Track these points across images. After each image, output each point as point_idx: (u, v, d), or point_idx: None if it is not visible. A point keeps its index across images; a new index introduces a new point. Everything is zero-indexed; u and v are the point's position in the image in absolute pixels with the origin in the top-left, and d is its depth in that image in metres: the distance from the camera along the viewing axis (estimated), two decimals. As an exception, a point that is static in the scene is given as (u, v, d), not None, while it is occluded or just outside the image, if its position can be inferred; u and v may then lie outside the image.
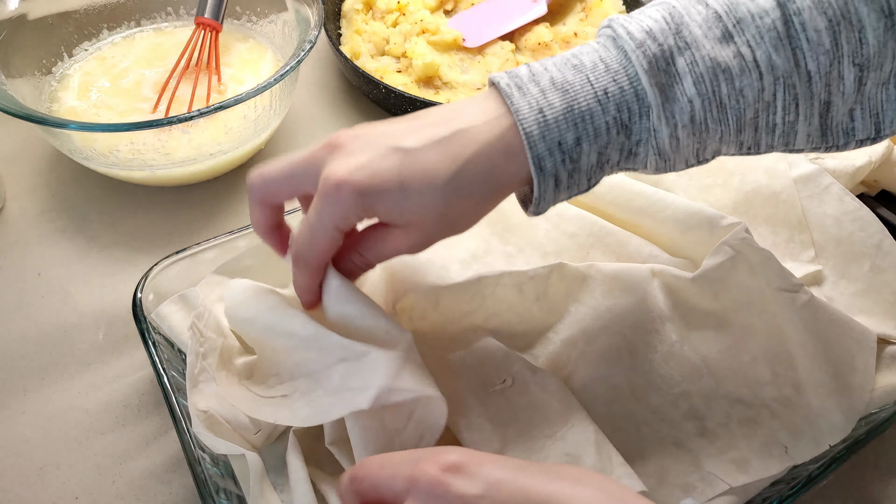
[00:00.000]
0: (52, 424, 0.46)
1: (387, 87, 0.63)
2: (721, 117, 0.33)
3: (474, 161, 0.33)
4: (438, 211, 0.33)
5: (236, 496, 0.38)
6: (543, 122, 0.32)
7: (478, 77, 0.70)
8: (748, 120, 0.33)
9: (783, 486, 0.39)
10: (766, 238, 0.52)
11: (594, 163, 0.33)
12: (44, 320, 0.51)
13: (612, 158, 0.34)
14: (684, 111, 0.32)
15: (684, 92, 0.32)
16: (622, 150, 0.34)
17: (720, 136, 0.34)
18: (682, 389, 0.44)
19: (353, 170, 0.33)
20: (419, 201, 0.33)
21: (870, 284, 0.49)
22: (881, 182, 0.58)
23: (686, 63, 0.32)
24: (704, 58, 0.32)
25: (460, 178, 0.33)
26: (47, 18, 0.62)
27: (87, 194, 0.60)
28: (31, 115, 0.49)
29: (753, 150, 0.35)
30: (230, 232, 0.47)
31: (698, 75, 0.32)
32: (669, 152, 0.33)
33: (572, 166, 0.33)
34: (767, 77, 0.32)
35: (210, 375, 0.40)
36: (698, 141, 0.33)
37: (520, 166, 0.33)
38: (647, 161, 0.34)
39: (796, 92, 0.33)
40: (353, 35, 0.73)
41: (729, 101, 0.32)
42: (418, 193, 0.33)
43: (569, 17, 0.78)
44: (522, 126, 0.32)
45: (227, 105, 0.50)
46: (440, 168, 0.32)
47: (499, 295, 0.44)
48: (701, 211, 0.47)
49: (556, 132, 0.32)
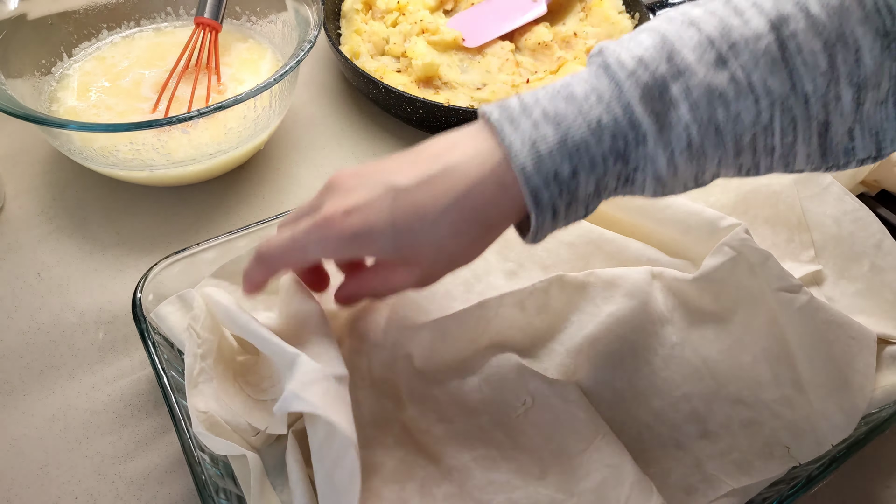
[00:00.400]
0: (52, 424, 0.46)
1: (386, 87, 0.63)
2: (718, 142, 0.32)
3: (466, 197, 0.32)
4: (434, 248, 0.33)
5: (236, 496, 0.38)
6: (537, 155, 0.32)
7: (478, 77, 0.70)
8: (746, 143, 0.33)
9: (783, 486, 0.39)
10: (766, 238, 0.52)
11: (591, 192, 0.33)
12: (44, 320, 0.51)
13: (609, 186, 0.33)
14: (681, 138, 0.32)
15: (680, 118, 0.32)
16: (619, 178, 0.33)
17: (718, 161, 0.33)
18: (683, 392, 0.44)
19: (346, 211, 0.34)
20: (412, 241, 0.33)
21: (870, 284, 0.49)
22: (881, 182, 0.58)
23: (680, 90, 0.32)
24: (699, 84, 0.32)
25: (452, 214, 0.33)
26: (47, 18, 0.62)
27: (87, 194, 0.60)
28: (30, 115, 0.49)
29: (752, 173, 0.35)
30: (230, 232, 0.47)
31: (693, 101, 0.32)
32: (667, 178, 0.33)
33: (569, 198, 0.33)
34: (764, 101, 0.32)
35: (209, 376, 0.40)
36: (696, 166, 0.33)
37: (514, 200, 0.33)
38: (644, 187, 0.34)
39: (794, 114, 0.33)
40: (353, 35, 0.73)
41: (726, 126, 0.32)
42: (410, 233, 0.33)
43: (569, 17, 0.78)
44: (516, 161, 0.32)
45: (227, 105, 0.50)
46: (430, 206, 0.33)
47: (503, 315, 0.44)
48: (701, 212, 0.47)
49: (549, 164, 0.32)
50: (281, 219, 0.47)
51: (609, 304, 0.45)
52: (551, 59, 0.72)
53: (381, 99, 0.66)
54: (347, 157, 0.66)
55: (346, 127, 0.69)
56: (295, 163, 0.65)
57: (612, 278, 0.46)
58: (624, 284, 0.45)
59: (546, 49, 0.73)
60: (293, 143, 0.67)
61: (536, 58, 0.73)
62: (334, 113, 0.71)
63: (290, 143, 0.67)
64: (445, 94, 0.68)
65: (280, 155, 0.66)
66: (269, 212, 0.60)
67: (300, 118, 0.70)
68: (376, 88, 0.65)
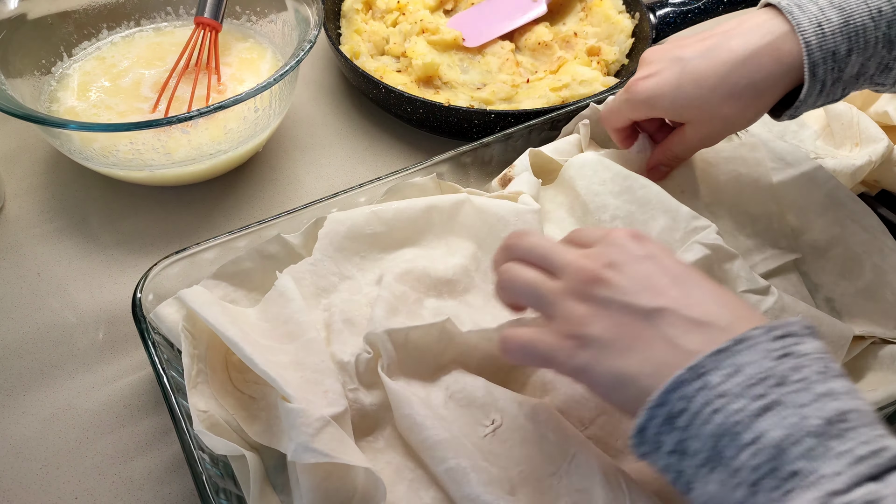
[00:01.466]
0: (52, 424, 0.46)
1: (387, 87, 0.63)
2: None
3: (743, 65, 0.40)
4: (711, 110, 0.42)
5: (236, 496, 0.38)
6: (821, 33, 0.38)
7: (478, 77, 0.70)
8: None
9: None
10: (746, 226, 0.52)
11: (854, 73, 0.39)
12: (44, 320, 0.51)
13: (869, 70, 0.40)
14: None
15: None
16: (880, 64, 0.40)
17: None
18: None
19: (643, 77, 0.44)
20: (690, 103, 0.42)
21: (870, 285, 0.49)
22: (881, 182, 0.58)
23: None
24: None
25: (727, 81, 0.41)
26: (47, 18, 0.62)
27: (86, 194, 0.60)
28: (30, 115, 0.49)
29: None
30: (230, 232, 0.47)
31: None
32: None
33: (838, 74, 0.39)
34: None
35: (207, 376, 0.40)
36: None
37: (786, 72, 0.40)
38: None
39: None
40: (353, 35, 0.72)
41: None
42: (688, 97, 0.42)
43: (569, 17, 0.78)
44: (803, 35, 0.38)
45: (227, 105, 0.50)
46: (711, 73, 0.41)
47: (467, 338, 0.42)
48: (677, 209, 0.47)
49: (831, 43, 0.38)
50: (281, 218, 0.47)
51: None
52: (551, 58, 0.72)
53: (381, 99, 0.66)
54: (347, 157, 0.66)
55: (346, 127, 0.69)
56: (295, 163, 0.65)
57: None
58: None
59: (546, 49, 0.73)
60: (293, 143, 0.67)
61: (536, 58, 0.73)
62: (334, 113, 0.71)
63: (290, 143, 0.67)
64: (445, 94, 0.68)
65: (280, 155, 0.66)
66: (270, 212, 0.60)
67: (300, 118, 0.70)
68: (376, 88, 0.65)
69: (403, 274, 0.45)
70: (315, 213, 0.48)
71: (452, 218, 0.49)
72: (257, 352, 0.38)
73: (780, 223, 0.51)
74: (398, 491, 0.38)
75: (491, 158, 0.56)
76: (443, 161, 0.53)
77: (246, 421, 0.40)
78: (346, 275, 0.46)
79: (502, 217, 0.48)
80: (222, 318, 0.39)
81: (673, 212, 0.47)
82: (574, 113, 0.58)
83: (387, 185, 0.51)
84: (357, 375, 0.41)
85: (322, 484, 0.35)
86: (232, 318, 0.40)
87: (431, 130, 0.67)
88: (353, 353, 0.41)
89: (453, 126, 0.64)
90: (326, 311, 0.44)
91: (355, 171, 0.65)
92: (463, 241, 0.49)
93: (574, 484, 0.37)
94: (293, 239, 0.47)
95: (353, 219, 0.47)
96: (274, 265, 0.46)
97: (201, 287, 0.43)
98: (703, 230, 0.46)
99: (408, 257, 0.47)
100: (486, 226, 0.48)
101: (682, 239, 0.46)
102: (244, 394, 0.41)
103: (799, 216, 0.51)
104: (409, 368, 0.42)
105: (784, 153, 0.52)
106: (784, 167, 0.51)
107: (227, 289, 0.46)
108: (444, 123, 0.64)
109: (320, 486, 0.35)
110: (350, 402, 0.39)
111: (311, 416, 0.34)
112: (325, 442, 0.34)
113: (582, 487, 0.37)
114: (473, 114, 0.63)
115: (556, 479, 0.38)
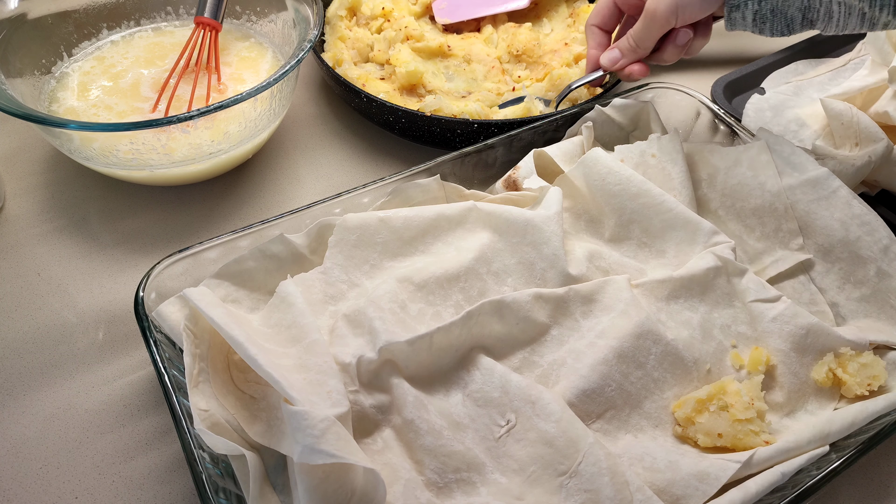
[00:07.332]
0: (52, 424, 0.46)
1: (368, 96, 0.62)
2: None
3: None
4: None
5: (236, 496, 0.38)
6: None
7: (463, 85, 0.69)
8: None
9: (787, 492, 0.39)
10: (755, 229, 0.52)
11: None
12: (44, 320, 0.51)
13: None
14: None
15: None
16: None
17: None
18: (674, 393, 0.44)
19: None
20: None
21: (876, 289, 0.49)
22: (881, 182, 0.58)
23: None
24: None
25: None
26: (47, 18, 0.62)
27: (86, 194, 0.60)
28: (30, 114, 0.49)
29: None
30: (233, 231, 0.46)
31: None
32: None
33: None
34: None
35: (209, 375, 0.40)
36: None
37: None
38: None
39: None
40: (337, 42, 0.71)
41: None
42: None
43: (555, 22, 0.77)
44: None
45: (227, 105, 0.50)
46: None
47: (482, 322, 0.44)
48: (698, 223, 0.50)
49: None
50: (284, 218, 0.47)
51: (589, 319, 0.46)
52: (538, 66, 0.71)
53: (363, 108, 0.65)
54: (347, 157, 0.66)
55: (346, 127, 0.69)
56: (295, 162, 0.65)
57: (590, 293, 0.46)
58: (602, 299, 0.46)
59: (532, 56, 0.72)
60: (293, 143, 0.67)
61: (525, 66, 0.72)
62: (334, 113, 0.71)
63: (290, 143, 0.67)
64: (430, 103, 0.67)
65: (280, 155, 0.66)
66: (270, 211, 0.60)
67: (300, 118, 0.70)
68: (357, 97, 0.63)
69: (410, 277, 0.45)
70: (318, 212, 0.48)
71: (460, 225, 0.49)
72: (261, 353, 0.38)
73: (789, 226, 0.51)
74: (395, 491, 0.39)
75: (495, 160, 0.56)
76: (446, 161, 0.53)
77: (246, 421, 0.40)
78: (354, 282, 0.46)
79: (530, 219, 0.48)
80: (227, 319, 0.39)
81: (693, 224, 0.50)
82: (575, 117, 0.58)
83: (390, 185, 0.51)
84: (358, 377, 0.41)
85: (320, 485, 0.35)
86: (236, 320, 0.40)
87: (414, 140, 0.65)
88: (355, 355, 0.41)
89: (437, 137, 0.63)
90: (332, 318, 0.45)
91: (356, 171, 0.65)
92: (478, 234, 0.49)
93: (583, 485, 0.38)
94: (296, 239, 0.47)
95: (362, 227, 0.47)
96: (277, 265, 0.46)
97: (204, 287, 0.44)
98: (720, 245, 0.49)
99: (418, 266, 0.47)
100: (507, 223, 0.49)
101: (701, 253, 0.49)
102: (245, 393, 0.41)
103: (804, 219, 0.51)
104: (430, 371, 0.43)
105: (790, 156, 0.52)
106: (790, 170, 0.51)
107: (230, 288, 0.46)
108: (427, 133, 0.63)
109: (318, 487, 0.35)
110: (350, 404, 0.40)
111: (315, 418, 0.34)
112: (331, 442, 0.34)
113: (591, 488, 0.38)
114: (457, 123, 0.61)
115: (566, 478, 0.39)
